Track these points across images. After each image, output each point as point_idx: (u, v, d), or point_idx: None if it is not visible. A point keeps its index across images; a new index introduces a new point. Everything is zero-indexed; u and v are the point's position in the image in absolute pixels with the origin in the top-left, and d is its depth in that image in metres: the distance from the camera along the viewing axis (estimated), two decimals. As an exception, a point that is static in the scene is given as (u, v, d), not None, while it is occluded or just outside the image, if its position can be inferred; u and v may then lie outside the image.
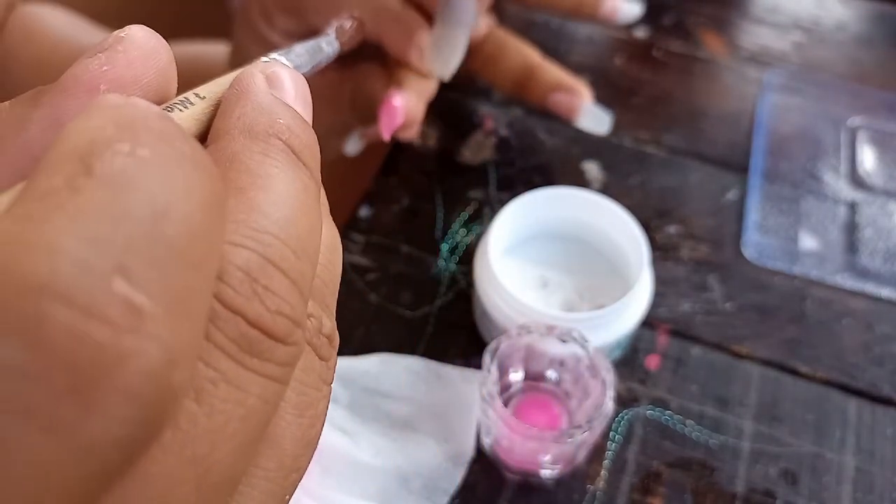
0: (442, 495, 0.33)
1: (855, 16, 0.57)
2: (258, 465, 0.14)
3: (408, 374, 0.36)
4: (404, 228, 0.43)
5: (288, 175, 0.14)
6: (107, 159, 0.10)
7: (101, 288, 0.09)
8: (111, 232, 0.09)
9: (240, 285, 0.12)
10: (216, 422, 0.12)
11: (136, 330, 0.09)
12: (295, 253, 0.13)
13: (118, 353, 0.09)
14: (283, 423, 0.14)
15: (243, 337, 0.12)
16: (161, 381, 0.10)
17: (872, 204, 0.44)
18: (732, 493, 0.33)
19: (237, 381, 0.12)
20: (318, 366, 0.15)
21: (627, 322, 0.35)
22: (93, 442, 0.09)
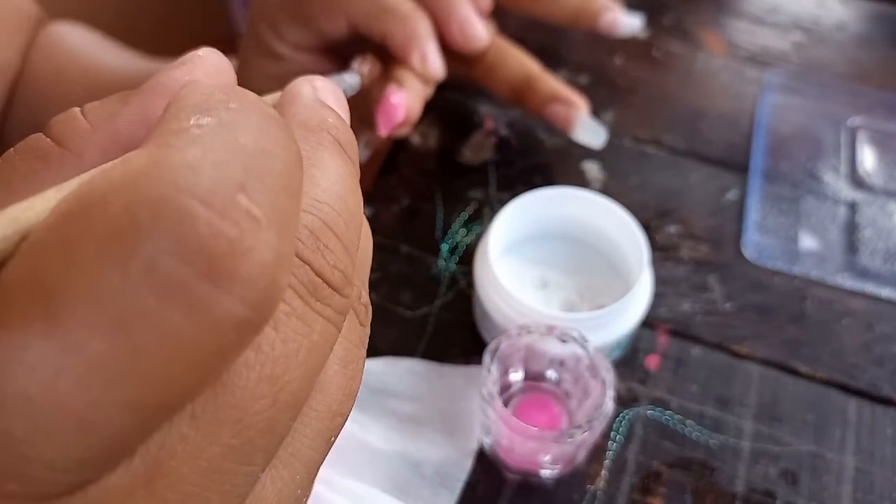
0: (455, 481, 0.33)
1: (855, 16, 0.57)
2: (310, 406, 0.16)
3: (411, 374, 0.36)
4: (404, 228, 0.43)
5: (338, 161, 0.16)
6: (222, 110, 0.13)
7: (230, 197, 0.11)
8: (233, 160, 0.12)
9: (307, 240, 0.14)
10: (289, 348, 0.14)
11: (254, 232, 0.12)
12: (346, 223, 0.15)
13: (243, 247, 0.11)
14: (331, 371, 0.16)
15: (311, 282, 0.14)
16: (271, 276, 0.12)
17: (872, 204, 0.44)
18: (732, 493, 0.33)
19: (305, 318, 0.14)
20: (358, 328, 0.17)
21: (627, 322, 0.35)
22: (221, 318, 0.11)
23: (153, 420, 0.12)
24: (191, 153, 0.12)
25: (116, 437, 0.11)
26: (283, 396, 0.14)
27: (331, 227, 0.15)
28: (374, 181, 0.45)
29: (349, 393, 0.17)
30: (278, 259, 0.12)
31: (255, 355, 0.13)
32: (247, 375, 0.13)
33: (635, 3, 0.56)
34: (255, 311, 0.12)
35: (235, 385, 0.13)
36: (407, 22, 0.36)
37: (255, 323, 0.12)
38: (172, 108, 0.13)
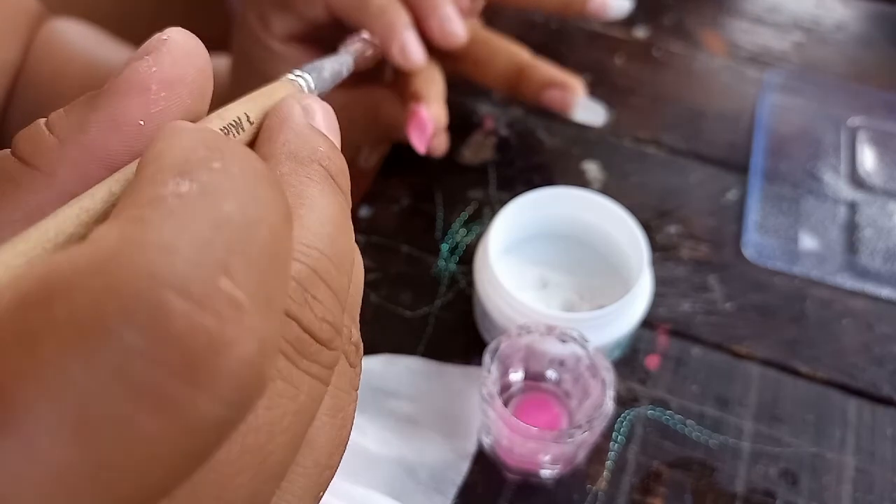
0: (450, 486, 0.33)
1: (855, 16, 0.57)
2: (297, 463, 0.14)
3: (410, 373, 0.36)
4: (404, 228, 0.43)
5: (329, 197, 0.15)
6: (204, 173, 0.12)
7: (210, 284, 0.10)
8: (215, 236, 0.11)
9: (294, 294, 0.13)
10: (274, 415, 0.13)
11: (237, 322, 0.10)
12: (336, 267, 0.14)
13: (224, 341, 0.10)
14: (319, 423, 0.15)
15: (298, 340, 0.13)
16: (256, 369, 0.11)
17: (872, 204, 0.44)
18: (732, 493, 0.33)
19: (291, 380, 0.13)
20: (348, 371, 0.16)
21: (627, 322, 0.35)
22: (197, 421, 0.10)
23: None
24: (167, 231, 0.10)
25: None
26: (267, 467, 0.13)
27: (320, 275, 0.14)
28: (374, 181, 0.45)
29: (339, 443, 0.16)
30: (264, 347, 0.11)
31: (241, 435, 0.12)
32: (228, 449, 0.12)
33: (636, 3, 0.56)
34: (236, 410, 0.11)
35: (217, 461, 0.12)
36: (384, 14, 0.36)
37: (237, 420, 0.11)
38: (148, 168, 0.12)
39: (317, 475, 0.15)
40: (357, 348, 0.17)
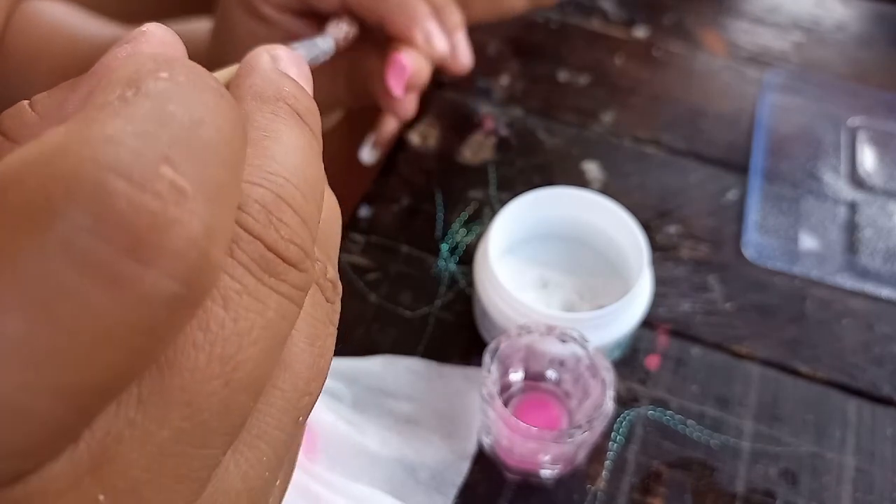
0: (450, 487, 0.33)
1: (855, 16, 0.57)
2: (275, 386, 0.15)
3: (409, 373, 0.36)
4: (404, 228, 0.43)
5: (294, 130, 0.16)
6: (151, 82, 0.12)
7: (151, 170, 0.11)
8: (157, 130, 0.11)
9: (258, 215, 0.14)
10: (241, 327, 0.13)
11: (180, 204, 0.11)
12: (303, 195, 0.15)
13: (166, 220, 0.11)
14: (297, 349, 0.16)
15: (262, 258, 0.14)
16: (201, 249, 0.11)
17: (872, 204, 0.44)
18: (732, 493, 0.33)
19: (257, 295, 0.14)
20: (325, 305, 0.17)
21: (627, 322, 0.35)
22: (146, 294, 0.11)
23: (91, 405, 0.11)
24: (110, 126, 0.11)
25: (53, 424, 0.11)
26: (238, 376, 0.13)
27: (285, 199, 0.14)
28: (374, 181, 0.45)
29: (317, 371, 0.16)
30: (209, 231, 0.12)
31: (203, 336, 0.13)
32: (195, 356, 0.13)
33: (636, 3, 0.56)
34: (185, 286, 0.11)
35: (183, 367, 0.13)
36: (405, 5, 0.36)
37: (189, 299, 0.12)
38: (102, 83, 0.13)
39: (296, 399, 0.15)
40: (334, 286, 0.17)
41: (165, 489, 0.13)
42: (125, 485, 0.12)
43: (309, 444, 0.33)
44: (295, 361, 0.16)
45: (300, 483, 0.30)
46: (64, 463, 0.12)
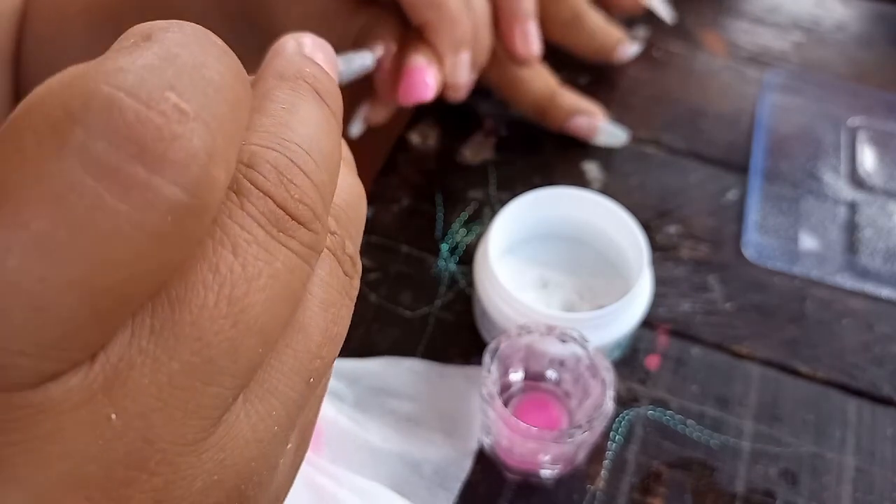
0: (454, 481, 0.33)
1: (855, 16, 0.57)
2: (288, 345, 0.16)
3: (411, 374, 0.36)
4: (404, 228, 0.43)
5: (312, 106, 0.17)
6: (160, 33, 0.14)
7: (157, 93, 0.12)
8: (164, 65, 0.13)
9: (269, 174, 0.15)
10: (249, 272, 0.14)
11: (182, 123, 0.12)
12: (316, 163, 0.16)
13: (170, 133, 0.12)
14: (310, 313, 0.16)
15: (272, 213, 0.15)
16: (201, 164, 0.13)
17: (872, 204, 0.44)
18: (732, 493, 0.33)
19: (266, 245, 0.15)
20: (341, 276, 0.18)
21: (627, 322, 0.35)
22: (152, 198, 0.12)
23: (105, 308, 0.12)
24: (123, 60, 0.13)
25: (70, 323, 0.12)
26: (245, 319, 0.14)
27: (297, 164, 0.15)
28: (374, 181, 0.45)
29: (330, 337, 0.17)
30: (209, 150, 0.13)
31: (213, 276, 0.14)
32: (205, 295, 0.14)
33: (635, 3, 0.56)
34: (188, 194, 0.12)
35: (193, 303, 0.14)
36: (455, 25, 0.36)
37: (192, 209, 0.13)
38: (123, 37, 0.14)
39: (307, 360, 0.16)
40: (354, 262, 0.18)
41: (174, 420, 0.13)
42: (136, 408, 0.13)
43: (314, 439, 0.33)
44: (308, 324, 0.16)
45: (305, 474, 0.30)
46: (80, 379, 0.13)
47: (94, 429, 0.13)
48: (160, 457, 0.13)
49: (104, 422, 0.13)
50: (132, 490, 0.13)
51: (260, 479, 0.16)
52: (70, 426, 0.13)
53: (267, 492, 0.17)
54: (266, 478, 0.16)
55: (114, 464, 0.13)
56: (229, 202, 0.15)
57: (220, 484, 0.15)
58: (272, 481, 0.17)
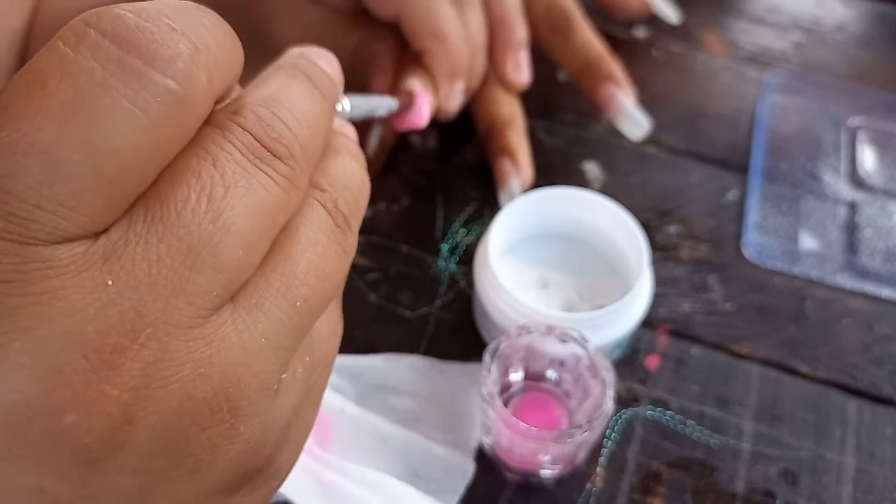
0: (460, 478, 0.33)
1: (855, 16, 0.57)
2: (275, 269, 0.18)
3: (412, 370, 0.36)
4: (404, 228, 0.43)
5: (303, 85, 0.20)
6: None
7: (155, 15, 0.16)
8: (165, 6, 0.16)
9: (250, 117, 0.18)
10: (228, 180, 0.17)
11: (172, 33, 0.16)
12: (298, 121, 0.19)
13: (161, 39, 0.16)
14: (298, 245, 0.19)
15: (250, 143, 0.17)
16: (186, 63, 0.16)
17: (872, 204, 0.44)
18: (732, 493, 0.33)
19: (244, 166, 0.17)
20: (331, 224, 0.20)
21: (627, 322, 0.35)
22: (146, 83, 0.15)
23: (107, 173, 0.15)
24: (133, 4, 0.16)
25: (79, 178, 0.15)
26: (223, 218, 0.16)
27: (279, 116, 0.18)
28: (374, 181, 0.45)
29: (316, 270, 0.19)
30: (192, 56, 0.16)
31: (195, 180, 0.16)
32: (188, 193, 0.16)
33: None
34: (173, 83, 0.15)
35: (178, 198, 0.16)
36: (453, 55, 0.36)
37: (176, 96, 0.16)
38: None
39: (293, 285, 0.18)
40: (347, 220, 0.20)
41: (162, 298, 0.16)
42: (128, 279, 0.15)
43: (322, 433, 0.33)
44: (294, 253, 0.18)
45: (314, 472, 0.31)
46: (84, 248, 0.15)
47: (92, 291, 0.15)
48: (150, 331, 0.15)
49: (101, 287, 0.15)
50: (124, 357, 0.15)
51: (249, 391, 0.17)
52: (73, 286, 0.15)
53: (260, 412, 0.18)
54: (255, 392, 0.17)
55: (108, 328, 0.15)
56: (213, 132, 0.17)
57: (206, 378, 0.16)
58: (266, 403, 0.18)
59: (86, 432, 0.15)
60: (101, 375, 0.15)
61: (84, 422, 0.15)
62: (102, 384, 0.15)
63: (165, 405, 0.16)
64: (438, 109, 0.38)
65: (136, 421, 0.15)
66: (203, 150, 0.17)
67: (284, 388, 0.19)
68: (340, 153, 0.22)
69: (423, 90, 0.36)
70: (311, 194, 0.20)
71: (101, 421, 0.15)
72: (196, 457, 0.17)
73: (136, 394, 0.15)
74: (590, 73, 0.43)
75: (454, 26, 0.36)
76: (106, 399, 0.15)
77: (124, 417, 0.15)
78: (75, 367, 0.15)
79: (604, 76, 0.42)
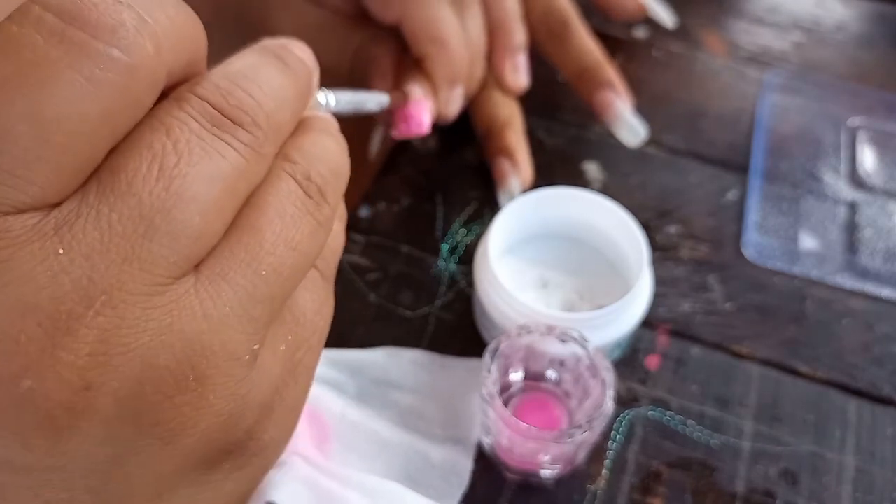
0: (463, 469, 0.33)
1: (855, 16, 0.57)
2: (240, 240, 0.18)
3: (413, 365, 0.36)
4: (404, 228, 0.43)
5: (272, 62, 0.20)
6: None
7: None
8: None
9: (209, 87, 0.18)
10: (180, 149, 0.17)
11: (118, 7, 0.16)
12: (263, 91, 0.19)
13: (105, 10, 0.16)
14: (264, 217, 0.18)
15: (207, 112, 0.17)
16: (131, 33, 0.16)
17: (872, 204, 0.44)
18: (732, 493, 0.33)
19: (200, 134, 0.17)
20: (302, 195, 0.20)
21: (627, 322, 0.35)
22: (88, 53, 0.15)
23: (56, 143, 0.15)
24: None
25: (27, 149, 0.15)
26: (176, 185, 0.16)
27: (241, 86, 0.18)
28: (375, 181, 0.45)
29: (287, 240, 0.19)
30: (136, 26, 0.16)
31: (147, 151, 0.16)
32: (140, 162, 0.16)
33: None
34: (119, 50, 0.16)
35: (129, 167, 0.16)
36: (453, 61, 0.37)
37: (121, 65, 0.16)
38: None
39: (260, 255, 0.18)
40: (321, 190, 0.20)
41: (115, 265, 0.16)
42: (80, 248, 0.15)
43: (321, 435, 0.33)
44: (261, 223, 0.18)
45: (311, 479, 0.30)
46: (35, 220, 0.15)
47: (43, 260, 0.15)
48: (105, 298, 0.15)
49: (53, 256, 0.15)
50: (78, 324, 0.15)
51: (216, 361, 0.17)
52: (24, 256, 0.15)
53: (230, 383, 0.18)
54: (223, 362, 0.17)
55: (62, 296, 0.15)
56: (169, 104, 0.17)
57: (168, 346, 0.16)
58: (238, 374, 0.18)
59: (44, 398, 0.15)
60: (55, 341, 0.15)
61: (41, 387, 0.15)
62: (58, 350, 0.15)
63: (126, 372, 0.16)
64: (438, 115, 0.38)
65: (95, 387, 0.16)
66: (157, 120, 0.17)
67: (263, 363, 0.19)
68: (315, 130, 0.22)
69: (423, 97, 0.36)
70: (280, 166, 0.20)
71: (58, 386, 0.15)
72: (164, 426, 0.17)
73: (92, 360, 0.15)
74: (587, 79, 0.43)
75: (455, 32, 0.36)
76: (62, 364, 0.15)
77: (82, 383, 0.15)
78: (30, 334, 0.15)
79: (601, 82, 0.42)
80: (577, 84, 0.44)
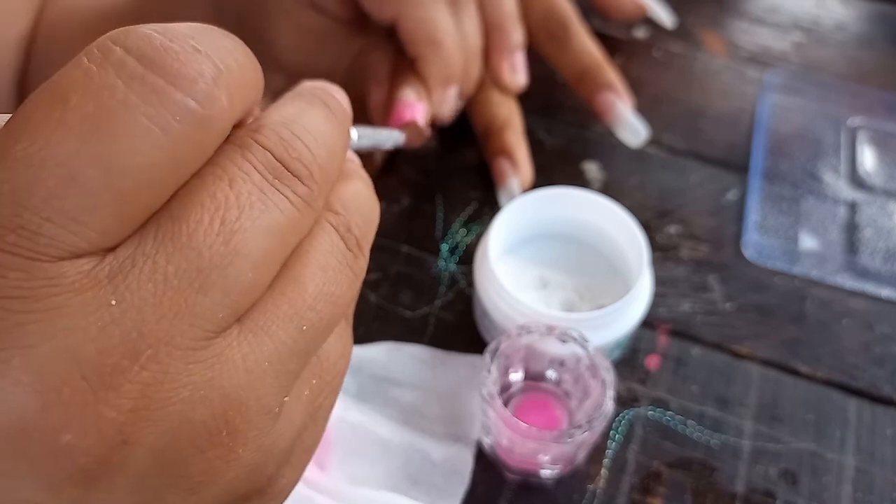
0: (464, 467, 0.33)
1: (855, 16, 0.57)
2: (283, 292, 0.18)
3: (414, 361, 0.36)
4: (404, 228, 0.43)
5: (321, 110, 0.20)
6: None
7: (180, 37, 0.16)
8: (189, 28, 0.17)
9: (271, 136, 0.18)
10: (242, 202, 0.17)
11: (195, 55, 0.16)
12: (316, 141, 0.19)
13: (186, 59, 0.16)
14: (308, 269, 0.18)
15: (269, 163, 0.17)
16: (208, 84, 0.16)
17: (872, 204, 0.44)
18: (732, 493, 0.33)
19: (261, 186, 0.17)
20: (343, 248, 0.20)
21: (627, 322, 0.35)
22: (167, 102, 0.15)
23: (121, 189, 0.15)
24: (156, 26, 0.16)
25: (92, 194, 0.15)
26: (235, 240, 0.16)
27: (298, 136, 0.18)
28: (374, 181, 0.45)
29: (327, 295, 0.19)
30: (214, 77, 0.16)
31: (210, 200, 0.16)
32: (201, 214, 0.16)
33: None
34: (193, 102, 0.16)
35: (190, 218, 0.16)
36: (448, 62, 0.37)
37: (196, 116, 0.16)
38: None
39: (301, 309, 0.18)
40: (359, 244, 0.20)
41: (166, 319, 0.15)
42: (133, 300, 0.15)
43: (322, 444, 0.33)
44: (304, 277, 0.18)
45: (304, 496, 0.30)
46: (90, 266, 0.15)
47: (96, 310, 0.15)
48: (151, 352, 0.15)
49: (105, 306, 0.15)
50: (123, 378, 0.15)
51: (249, 415, 0.17)
52: (76, 304, 0.15)
53: (260, 436, 0.18)
54: (256, 416, 0.17)
55: (109, 348, 0.15)
56: (232, 151, 0.17)
57: (207, 401, 0.16)
58: (267, 427, 0.18)
59: (82, 453, 0.15)
60: (99, 396, 0.15)
61: (81, 442, 0.15)
62: (100, 405, 0.15)
63: (163, 426, 0.16)
64: (432, 115, 0.38)
65: (132, 442, 0.15)
66: (220, 168, 0.17)
67: (287, 411, 0.19)
68: (352, 177, 0.22)
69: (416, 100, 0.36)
70: (324, 217, 0.20)
71: (97, 442, 0.15)
72: (193, 478, 0.17)
73: (133, 415, 0.15)
74: (587, 81, 0.43)
75: (450, 34, 0.36)
76: (103, 420, 0.15)
77: (121, 438, 0.15)
78: (74, 387, 0.15)
79: (602, 84, 0.42)
80: (578, 86, 0.44)
